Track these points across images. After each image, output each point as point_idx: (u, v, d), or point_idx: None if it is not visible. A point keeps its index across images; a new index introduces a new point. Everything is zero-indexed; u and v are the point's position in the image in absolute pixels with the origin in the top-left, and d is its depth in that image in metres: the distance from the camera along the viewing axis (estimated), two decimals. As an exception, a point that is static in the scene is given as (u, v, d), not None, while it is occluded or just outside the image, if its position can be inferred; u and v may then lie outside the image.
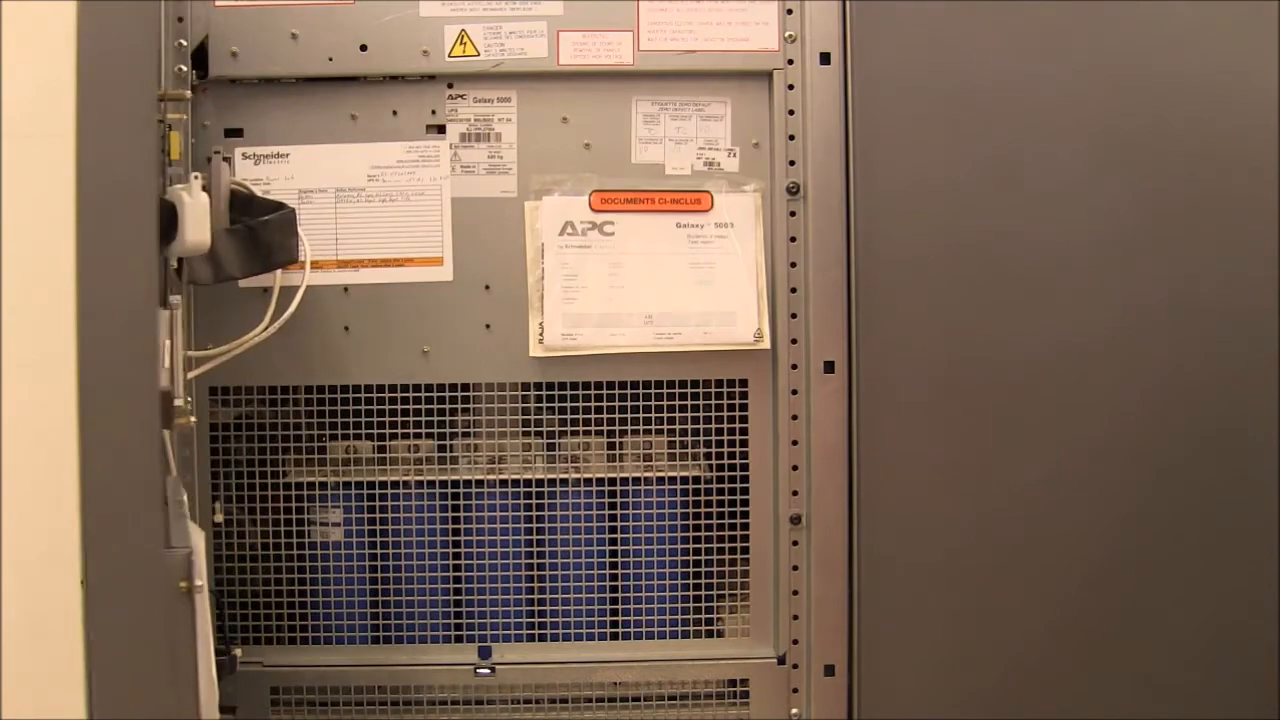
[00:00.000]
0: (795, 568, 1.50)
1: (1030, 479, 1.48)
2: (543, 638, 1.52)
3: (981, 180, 1.47)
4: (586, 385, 1.50)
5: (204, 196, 1.27)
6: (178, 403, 1.24)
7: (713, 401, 1.51)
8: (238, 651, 1.50)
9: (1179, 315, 1.49)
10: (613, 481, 1.52)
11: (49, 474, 1.09)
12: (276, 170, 1.50)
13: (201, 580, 1.23)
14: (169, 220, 1.23)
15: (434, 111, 1.50)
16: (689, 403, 1.51)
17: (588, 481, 1.51)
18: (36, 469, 1.08)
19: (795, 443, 1.50)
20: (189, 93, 1.38)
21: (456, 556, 1.51)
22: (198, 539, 1.25)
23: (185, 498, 1.25)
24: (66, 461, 1.09)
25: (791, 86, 1.49)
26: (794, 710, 1.51)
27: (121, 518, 1.12)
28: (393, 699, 1.51)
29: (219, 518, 1.51)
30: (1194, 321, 1.50)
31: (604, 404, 1.50)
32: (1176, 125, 1.49)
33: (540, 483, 1.51)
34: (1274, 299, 1.49)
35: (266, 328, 1.43)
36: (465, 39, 1.48)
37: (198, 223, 1.26)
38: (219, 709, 1.35)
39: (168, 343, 1.20)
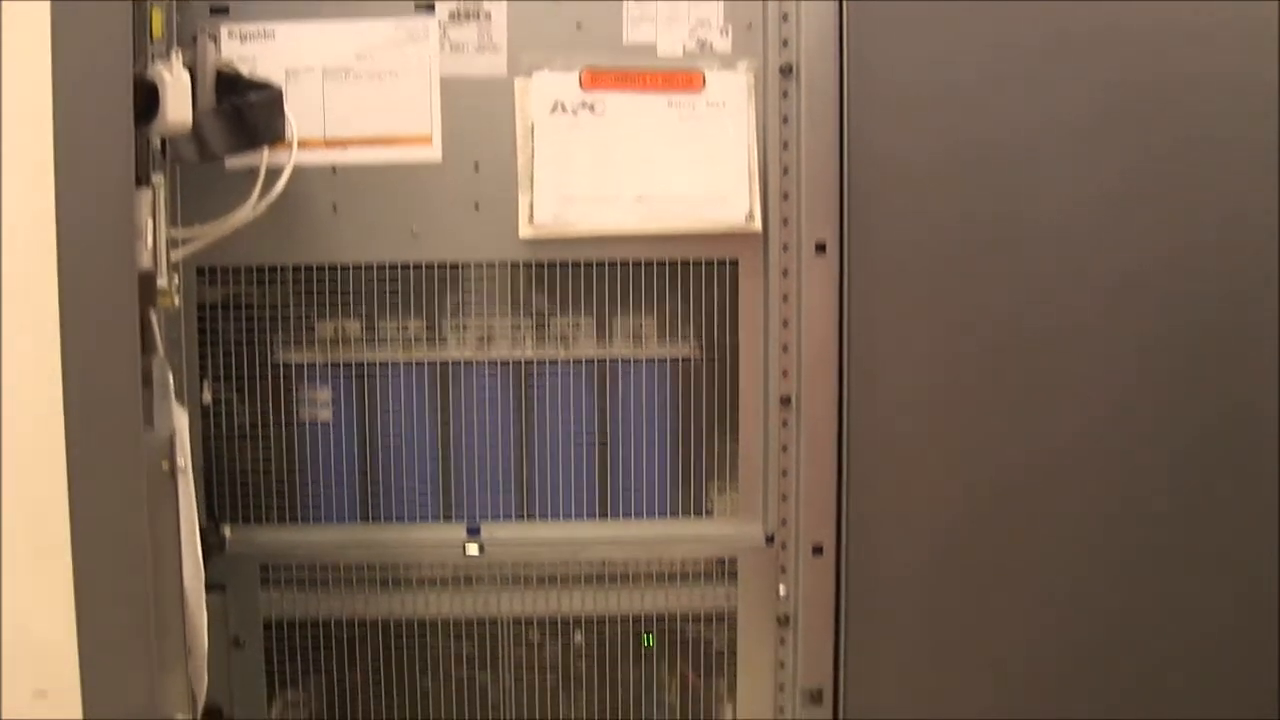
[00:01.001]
0: (785, 448, 1.51)
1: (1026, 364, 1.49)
2: (531, 516, 1.53)
3: (979, 73, 1.47)
4: (576, 265, 1.51)
5: (185, 74, 1.26)
6: (161, 282, 1.24)
7: (703, 282, 1.51)
8: (227, 531, 1.51)
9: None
10: (602, 362, 1.52)
11: (31, 355, 1.10)
12: (263, 49, 1.50)
13: (184, 460, 1.24)
14: (150, 99, 1.23)
15: (422, -12, 1.49)
16: (679, 283, 1.51)
17: (577, 362, 1.52)
18: (18, 352, 1.09)
19: (786, 324, 1.51)
20: (171, -33, 1.37)
21: (445, 436, 1.52)
22: (181, 420, 1.26)
23: (171, 378, 1.26)
24: (49, 341, 1.09)
25: (784, -37, 1.49)
26: (782, 590, 1.53)
27: (101, 398, 1.12)
28: (381, 577, 1.53)
29: (207, 398, 1.51)
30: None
31: (594, 284, 1.51)
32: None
33: (529, 363, 1.52)
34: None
35: (254, 207, 1.43)
36: (455, -86, 1.48)
37: (179, 101, 1.26)
38: (208, 587, 1.36)
39: (150, 222, 1.20)
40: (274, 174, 1.44)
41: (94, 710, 1.18)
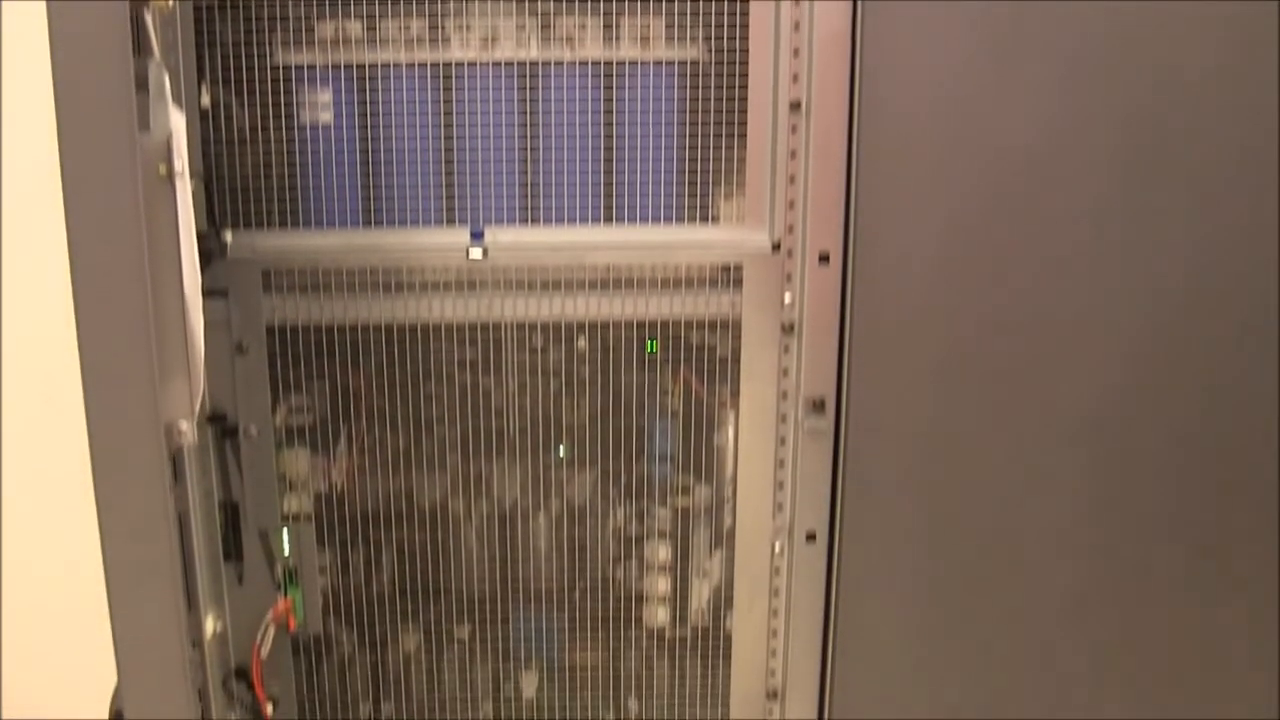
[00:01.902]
0: (793, 154, 1.50)
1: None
2: (535, 221, 1.53)
3: None
4: (583, -40, 1.48)
5: None
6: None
7: (713, -18, 1.49)
8: (228, 236, 1.51)
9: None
10: (609, 64, 1.50)
11: (21, 55, 1.09)
12: None
13: (182, 164, 1.23)
14: None
15: None
16: (688, -18, 1.48)
17: (583, 64, 1.50)
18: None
19: (797, 26, 1.48)
20: None
21: (449, 139, 1.51)
22: (178, 123, 1.24)
23: (167, 81, 1.24)
24: (37, 38, 1.08)
25: None
26: (787, 298, 1.53)
27: (94, 99, 1.11)
28: (384, 281, 1.53)
29: (205, 101, 1.50)
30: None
31: (601, -17, 1.49)
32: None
33: (534, 64, 1.50)
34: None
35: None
36: None
37: None
38: (211, 293, 1.36)
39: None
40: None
41: (97, 416, 1.19)
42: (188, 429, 1.32)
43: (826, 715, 1.65)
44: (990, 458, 1.56)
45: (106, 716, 1.40)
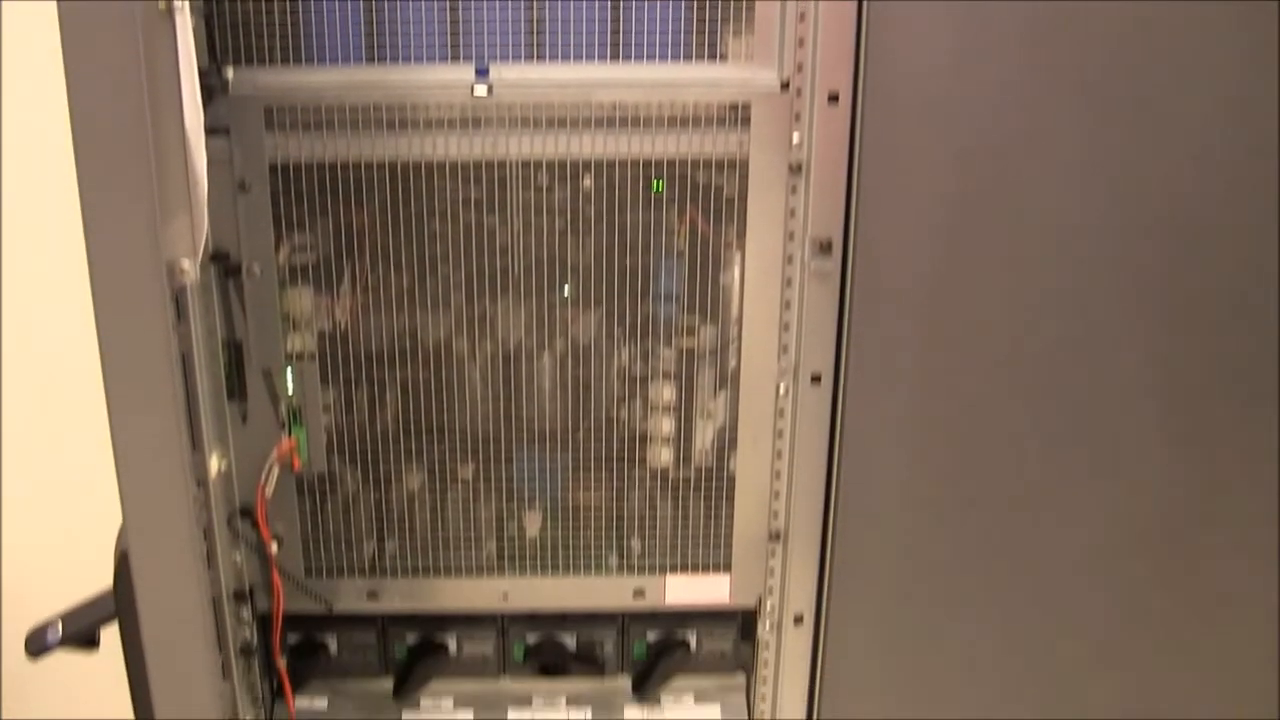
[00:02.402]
0: (803, -17, 1.48)
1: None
2: (542, 58, 1.51)
3: None
4: None
5: None
6: None
7: None
8: (229, 73, 1.49)
9: None
10: (616, -110, 1.48)
11: None
12: None
13: None
14: None
15: None
16: None
17: (591, -108, 1.48)
18: None
19: None
20: None
21: (453, -30, 1.49)
22: None
23: None
24: None
25: None
26: (795, 137, 1.52)
27: None
28: (388, 119, 1.52)
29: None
30: None
31: None
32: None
33: (540, -107, 1.48)
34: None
35: None
36: None
37: None
38: (212, 131, 1.35)
39: None
40: None
41: (98, 256, 1.18)
42: (190, 268, 1.33)
43: (829, 557, 1.67)
44: (998, 301, 1.56)
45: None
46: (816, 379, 1.61)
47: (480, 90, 1.51)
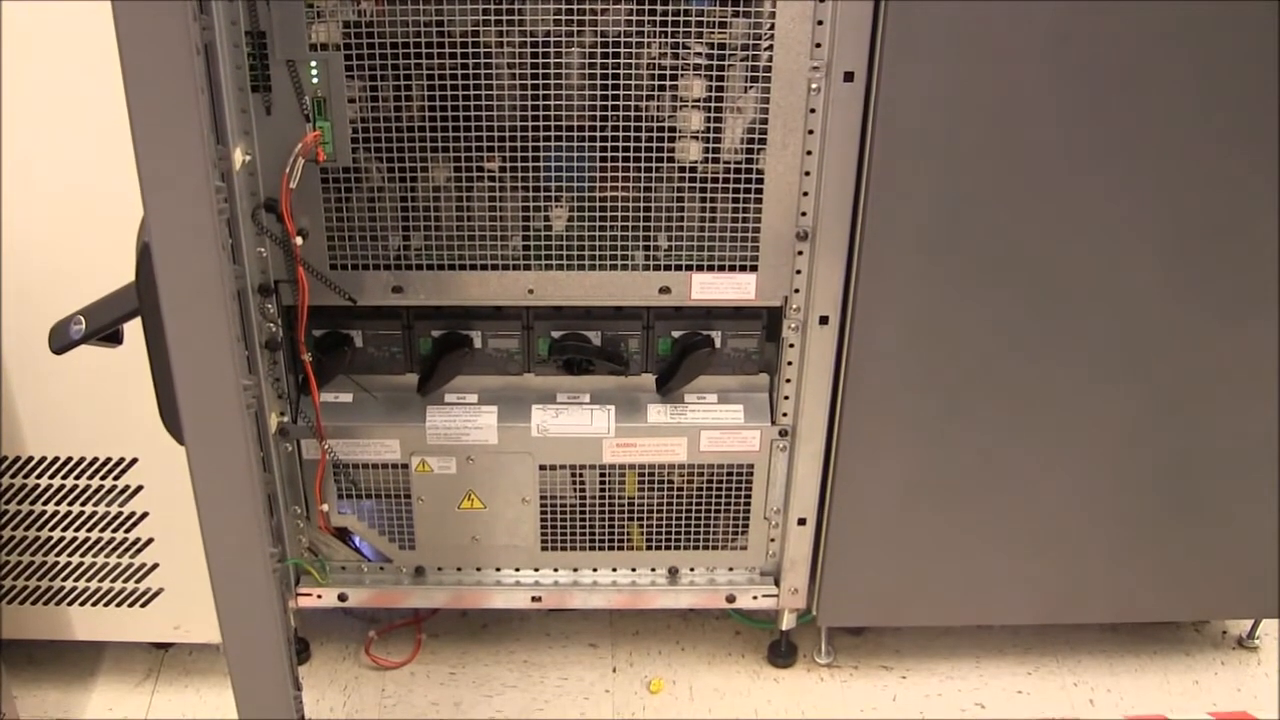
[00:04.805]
0: None
1: None
2: None
3: None
4: None
5: None
6: None
7: None
8: None
9: None
10: None
11: None
12: None
13: None
14: None
15: None
16: None
17: None
18: None
19: None
20: None
21: None
22: None
23: None
24: None
25: None
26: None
27: None
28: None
29: None
30: None
31: None
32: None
33: None
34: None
35: None
36: None
37: None
38: None
39: None
40: None
41: None
42: (212, -46, 1.30)
43: (856, 259, 1.71)
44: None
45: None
46: (849, 76, 1.61)
47: None
